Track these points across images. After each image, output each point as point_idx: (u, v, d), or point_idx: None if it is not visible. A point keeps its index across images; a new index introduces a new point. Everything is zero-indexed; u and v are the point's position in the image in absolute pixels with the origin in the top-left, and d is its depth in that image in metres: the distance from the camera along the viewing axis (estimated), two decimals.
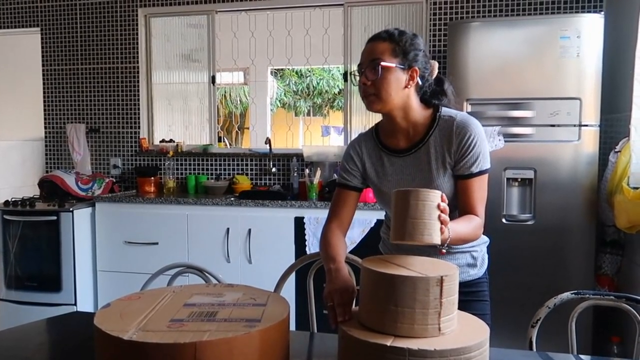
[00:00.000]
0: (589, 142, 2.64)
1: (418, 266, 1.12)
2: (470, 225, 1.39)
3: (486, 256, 1.60)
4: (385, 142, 1.54)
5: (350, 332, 1.08)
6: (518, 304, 2.62)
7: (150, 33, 4.00)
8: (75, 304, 3.31)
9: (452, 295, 1.08)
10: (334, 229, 1.53)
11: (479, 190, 1.43)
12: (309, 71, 10.28)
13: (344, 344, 1.11)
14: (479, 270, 1.56)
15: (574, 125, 2.63)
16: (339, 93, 10.73)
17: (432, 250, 1.52)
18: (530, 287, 2.68)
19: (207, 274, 1.59)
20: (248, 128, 8.91)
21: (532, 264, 2.70)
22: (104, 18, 3.98)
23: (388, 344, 1.02)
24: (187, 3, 3.85)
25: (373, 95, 1.42)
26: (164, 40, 4.02)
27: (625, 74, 2.69)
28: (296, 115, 10.86)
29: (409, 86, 1.44)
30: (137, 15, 3.93)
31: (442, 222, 1.15)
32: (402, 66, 1.41)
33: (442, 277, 1.05)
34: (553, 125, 2.65)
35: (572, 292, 1.47)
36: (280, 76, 10.61)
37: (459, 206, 1.47)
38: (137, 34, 3.94)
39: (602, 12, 2.61)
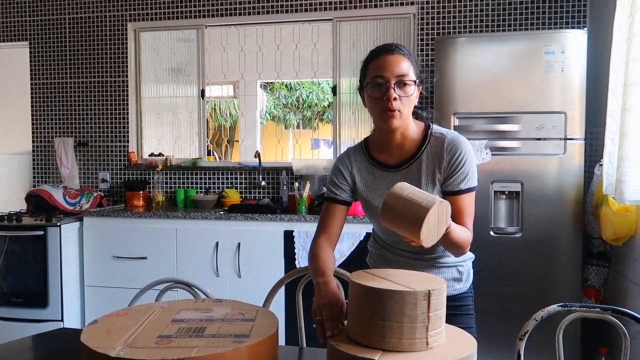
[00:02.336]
0: (574, 155, 2.67)
1: (406, 280, 1.13)
2: (464, 232, 1.42)
3: (472, 271, 1.61)
4: (376, 157, 1.56)
5: (339, 346, 1.08)
6: (505, 316, 2.63)
7: (140, 47, 4.01)
8: (62, 320, 3.26)
9: (439, 309, 1.09)
10: (322, 243, 1.54)
11: (467, 206, 1.46)
12: (298, 84, 10.33)
13: (333, 358, 1.11)
14: (465, 285, 1.58)
15: (560, 139, 2.67)
16: (328, 106, 10.78)
17: (420, 264, 1.54)
18: (518, 299, 2.69)
19: (195, 289, 1.59)
20: (237, 141, 8.93)
21: (519, 276, 2.72)
22: (93, 32, 3.99)
23: (376, 358, 1.02)
24: (177, 18, 3.86)
25: (399, 111, 1.42)
26: (153, 54, 4.03)
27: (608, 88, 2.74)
28: (286, 128, 10.88)
29: (416, 102, 1.48)
30: (126, 29, 3.94)
31: None
32: (419, 84, 1.46)
33: (429, 291, 1.06)
34: (539, 139, 2.69)
35: (559, 304, 1.48)
36: (270, 89, 10.64)
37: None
38: (126, 47, 3.95)
39: (586, 28, 2.66)
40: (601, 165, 2.63)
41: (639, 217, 2.41)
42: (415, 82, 1.43)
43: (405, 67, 1.42)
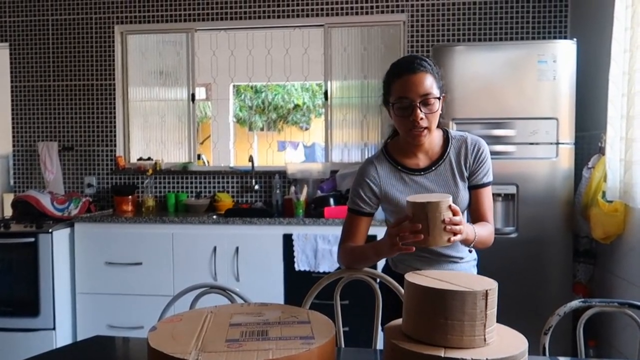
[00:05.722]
0: (565, 158, 2.82)
1: (457, 280, 1.20)
2: (487, 230, 1.54)
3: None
4: (403, 163, 1.63)
5: (402, 345, 1.13)
6: (503, 313, 2.74)
7: (127, 50, 3.95)
8: (54, 329, 3.19)
9: (493, 307, 1.16)
10: (350, 244, 1.64)
11: (488, 199, 1.61)
12: (264, 86, 10.31)
13: (394, 356, 1.16)
14: None
15: (552, 143, 2.81)
16: (293, 108, 10.84)
17: (441, 261, 1.63)
18: (513, 295, 2.81)
19: (230, 293, 1.61)
20: (202, 143, 8.90)
21: (515, 274, 2.84)
22: (78, 34, 3.91)
23: (442, 354, 1.08)
24: (166, 21, 3.83)
25: (426, 128, 1.51)
26: (140, 56, 3.98)
27: (595, 94, 2.90)
28: (250, 130, 10.85)
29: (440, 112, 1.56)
30: (113, 32, 3.88)
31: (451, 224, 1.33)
32: (442, 96, 1.54)
33: (487, 290, 1.13)
34: (532, 144, 2.82)
35: (579, 300, 1.58)
36: (236, 91, 10.58)
37: (471, 215, 1.62)
38: (113, 50, 3.88)
39: (575, 39, 2.81)
40: (589, 168, 2.79)
41: (627, 216, 2.56)
42: (439, 98, 1.51)
43: (429, 84, 1.49)
